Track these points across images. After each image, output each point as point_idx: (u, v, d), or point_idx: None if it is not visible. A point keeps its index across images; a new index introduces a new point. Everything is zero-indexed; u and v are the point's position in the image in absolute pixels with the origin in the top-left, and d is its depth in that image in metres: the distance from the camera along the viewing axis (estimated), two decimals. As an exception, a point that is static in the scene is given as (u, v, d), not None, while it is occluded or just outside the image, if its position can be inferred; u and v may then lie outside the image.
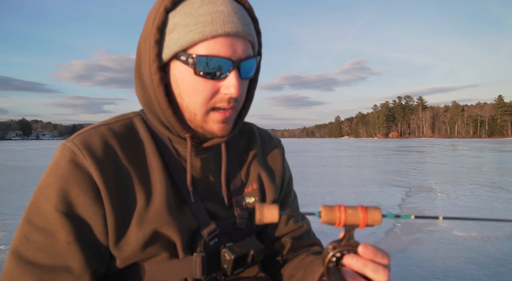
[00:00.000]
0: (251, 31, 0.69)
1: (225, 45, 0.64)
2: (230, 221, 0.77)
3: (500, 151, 25.23)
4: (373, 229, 4.27)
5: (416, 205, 5.72)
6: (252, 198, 0.82)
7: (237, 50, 0.66)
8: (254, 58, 0.70)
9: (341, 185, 8.09)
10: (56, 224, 0.63)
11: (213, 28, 0.63)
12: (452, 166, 13.14)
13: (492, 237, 3.96)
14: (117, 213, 0.67)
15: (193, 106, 0.68)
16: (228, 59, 0.65)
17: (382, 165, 13.79)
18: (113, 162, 0.68)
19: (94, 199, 0.65)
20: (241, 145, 0.88)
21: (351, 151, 28.10)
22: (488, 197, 6.40)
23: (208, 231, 0.73)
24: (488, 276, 2.93)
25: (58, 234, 0.63)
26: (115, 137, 0.71)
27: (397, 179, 9.05)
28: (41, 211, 0.64)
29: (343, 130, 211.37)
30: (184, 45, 0.65)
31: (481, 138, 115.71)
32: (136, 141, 0.74)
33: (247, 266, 0.77)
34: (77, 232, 0.64)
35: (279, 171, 0.91)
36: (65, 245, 0.63)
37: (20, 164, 15.31)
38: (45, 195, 0.65)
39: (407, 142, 60.74)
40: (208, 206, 0.76)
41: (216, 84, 0.67)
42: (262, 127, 0.98)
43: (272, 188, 0.86)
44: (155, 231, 0.68)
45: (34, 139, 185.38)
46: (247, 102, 0.78)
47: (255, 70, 0.73)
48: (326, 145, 44.21)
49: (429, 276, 2.95)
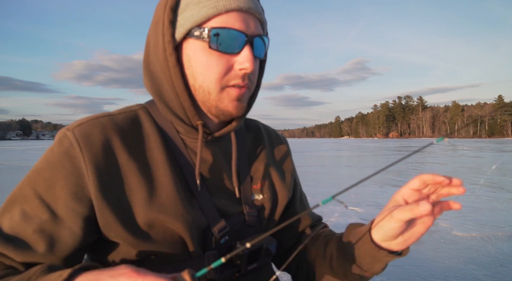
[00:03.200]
0: (262, 11, 0.70)
1: (239, 19, 0.65)
2: (239, 219, 0.75)
3: (500, 150, 25.21)
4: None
5: (416, 205, 5.70)
6: (260, 195, 0.81)
7: (250, 25, 0.66)
8: (265, 37, 0.70)
9: (341, 185, 8.09)
10: (32, 210, 0.63)
11: (227, 2, 0.64)
12: (452, 166, 13.15)
13: (492, 237, 3.96)
14: (113, 209, 0.64)
15: (207, 84, 0.67)
16: (243, 33, 0.65)
17: (382, 165, 13.78)
18: (111, 156, 0.67)
19: (77, 196, 0.64)
20: (248, 140, 0.86)
21: (351, 151, 28.10)
22: (488, 197, 6.40)
23: (218, 228, 0.71)
24: (488, 276, 2.93)
25: (30, 221, 0.63)
26: (116, 130, 0.69)
27: (397, 179, 9.05)
28: (25, 193, 0.64)
29: (343, 131, 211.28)
30: (198, 21, 0.64)
31: (481, 138, 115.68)
32: (139, 134, 0.72)
33: (261, 261, 0.76)
34: (46, 224, 0.63)
35: (290, 169, 0.90)
36: (31, 233, 0.62)
37: (20, 164, 15.31)
38: (33, 179, 0.65)
39: (407, 142, 60.72)
40: (217, 201, 0.74)
41: (230, 59, 0.66)
42: (267, 125, 0.97)
43: (283, 187, 0.85)
44: (163, 226, 0.67)
45: (34, 139, 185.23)
46: (256, 90, 0.77)
47: (264, 53, 0.72)
48: (326, 145, 44.21)
49: (429, 276, 2.95)
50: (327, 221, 0.99)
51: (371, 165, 14.24)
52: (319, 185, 7.96)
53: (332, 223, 4.55)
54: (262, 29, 0.71)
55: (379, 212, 0.66)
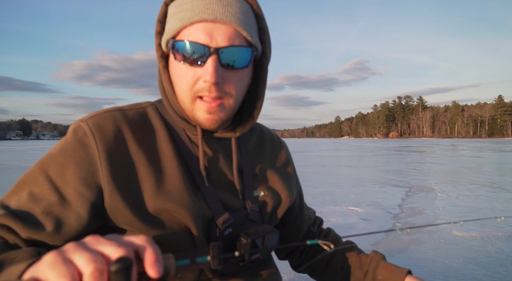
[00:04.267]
0: (240, 20, 0.67)
1: (203, 31, 0.66)
2: (242, 213, 0.78)
3: (500, 150, 25.22)
4: (372, 229, 4.27)
5: (416, 205, 5.71)
6: (262, 192, 0.83)
7: (216, 37, 0.66)
8: (241, 46, 0.68)
9: (341, 185, 8.09)
10: (41, 192, 0.65)
11: (191, 15, 0.66)
12: (452, 166, 13.14)
13: (492, 237, 3.96)
14: (124, 195, 0.67)
15: (181, 93, 0.71)
16: (205, 45, 0.66)
17: (382, 165, 13.79)
18: (122, 145, 0.70)
19: (86, 182, 0.66)
20: (251, 141, 0.89)
21: (351, 151, 28.11)
22: (488, 197, 6.39)
23: (222, 220, 0.73)
24: (488, 276, 2.93)
25: (39, 202, 0.64)
26: (127, 123, 0.73)
27: (397, 179, 9.05)
28: (36, 175, 0.67)
29: (343, 131, 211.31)
30: (171, 33, 0.68)
31: (481, 139, 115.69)
32: (148, 128, 0.75)
33: (263, 252, 0.78)
34: (54, 206, 0.64)
35: (292, 173, 0.94)
36: (39, 213, 0.64)
37: (20, 164, 15.31)
38: (45, 163, 0.68)
39: (407, 142, 60.75)
40: (220, 196, 0.76)
41: (196, 71, 0.68)
42: (268, 128, 1.00)
43: (286, 188, 0.86)
44: (170, 214, 0.69)
45: (34, 139, 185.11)
46: (258, 102, 0.78)
47: (249, 61, 0.71)
48: (326, 145, 44.22)
49: (429, 276, 2.95)
50: (327, 221, 1.01)
51: (371, 165, 14.24)
52: (319, 185, 7.95)
53: (332, 223, 4.54)
54: (238, 38, 0.68)
55: (378, 212, 0.67)
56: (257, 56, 0.75)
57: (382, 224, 4.52)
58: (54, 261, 0.40)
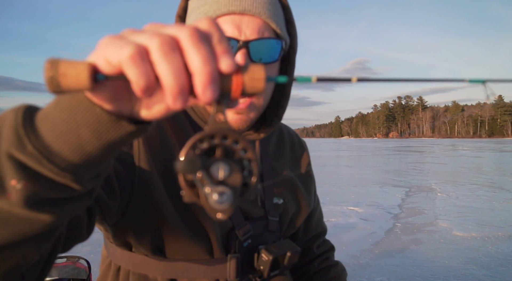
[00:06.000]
0: (269, 11, 0.64)
1: (231, 24, 0.62)
2: (262, 223, 0.75)
3: (500, 150, 25.22)
4: (372, 229, 4.27)
5: (416, 205, 5.71)
6: (281, 199, 0.80)
7: (245, 29, 0.62)
8: (271, 39, 0.64)
9: (341, 185, 8.08)
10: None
11: (217, 7, 0.62)
12: (452, 166, 13.14)
13: (492, 237, 3.96)
14: (159, 182, 0.64)
15: None
16: (234, 38, 0.61)
17: (382, 165, 13.79)
18: (162, 137, 0.68)
19: (123, 162, 0.62)
20: (271, 143, 0.85)
21: (351, 151, 28.09)
22: (488, 197, 6.39)
23: (243, 232, 0.71)
24: (488, 276, 2.93)
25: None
26: (165, 119, 0.70)
27: (397, 179, 9.04)
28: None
29: (343, 131, 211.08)
30: None
31: (481, 139, 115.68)
32: (180, 122, 0.72)
33: (282, 269, 0.75)
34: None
35: (312, 179, 0.91)
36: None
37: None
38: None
39: (407, 142, 60.72)
40: (241, 204, 0.73)
41: None
42: (287, 125, 0.94)
43: (306, 196, 0.84)
44: (194, 217, 0.66)
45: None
46: (284, 100, 0.74)
47: (278, 55, 0.67)
48: (326, 145, 44.21)
49: (429, 276, 2.95)
50: (327, 221, 1.00)
51: (371, 165, 14.24)
52: (319, 185, 7.84)
53: (332, 223, 4.55)
54: (268, 30, 0.65)
55: (378, 212, 0.67)
56: (285, 50, 0.71)
57: (382, 224, 4.52)
58: (109, 40, 0.30)
